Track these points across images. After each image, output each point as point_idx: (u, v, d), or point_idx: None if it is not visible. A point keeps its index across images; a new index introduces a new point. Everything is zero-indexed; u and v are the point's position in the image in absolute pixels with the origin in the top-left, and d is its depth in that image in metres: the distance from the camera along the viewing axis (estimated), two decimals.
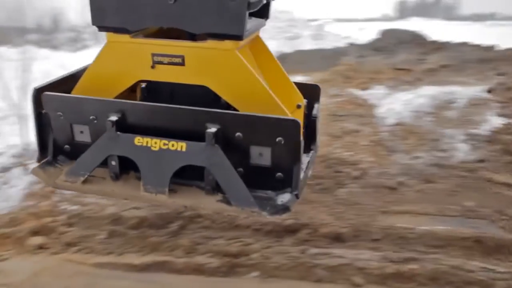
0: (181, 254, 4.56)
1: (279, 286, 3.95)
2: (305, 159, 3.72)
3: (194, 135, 3.17)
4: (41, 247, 4.75)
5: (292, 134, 3.06)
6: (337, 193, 5.28)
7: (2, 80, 7.24)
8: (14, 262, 4.60)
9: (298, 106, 3.79)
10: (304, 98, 3.84)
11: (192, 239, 4.75)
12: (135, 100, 3.73)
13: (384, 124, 6.70)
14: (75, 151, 3.56)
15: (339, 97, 7.37)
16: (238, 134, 3.14)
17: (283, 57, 10.13)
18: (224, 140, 3.16)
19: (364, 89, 7.82)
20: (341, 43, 12.56)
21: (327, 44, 12.67)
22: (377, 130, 6.49)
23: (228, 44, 3.23)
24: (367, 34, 13.13)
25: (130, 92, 3.70)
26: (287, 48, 11.79)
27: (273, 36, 12.99)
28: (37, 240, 4.81)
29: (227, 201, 3.20)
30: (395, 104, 7.13)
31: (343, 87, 7.77)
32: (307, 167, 3.68)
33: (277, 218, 4.83)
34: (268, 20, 3.85)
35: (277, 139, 3.08)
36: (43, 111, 3.57)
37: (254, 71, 3.31)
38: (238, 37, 3.21)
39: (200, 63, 3.35)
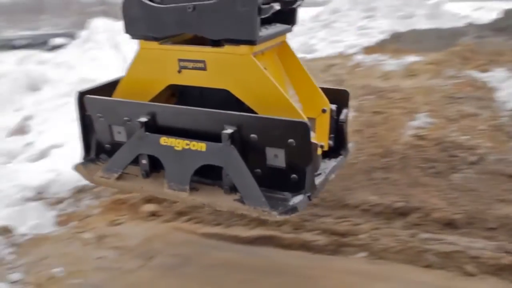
0: (288, 229, 4.62)
1: (387, 269, 3.90)
2: (330, 163, 3.89)
3: (214, 136, 3.34)
4: (153, 214, 5.00)
5: (301, 136, 3.16)
6: (451, 178, 5.10)
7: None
8: (128, 226, 4.87)
9: (323, 111, 3.84)
10: (333, 103, 3.89)
11: (299, 215, 4.78)
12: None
13: (505, 108, 6.35)
14: (114, 150, 3.83)
15: (456, 79, 7.07)
16: (253, 135, 3.30)
17: (397, 36, 9.87)
18: (241, 142, 3.32)
19: (483, 71, 7.44)
20: (459, 23, 11.99)
21: (444, 23, 12.14)
22: (496, 115, 6.17)
23: (243, 49, 3.38)
24: (487, 13, 12.48)
25: (170, 96, 3.97)
26: (401, 27, 11.44)
27: (386, 15, 12.67)
28: (150, 207, 5.06)
29: (242, 200, 3.34)
30: None
31: (460, 69, 7.43)
32: (330, 171, 3.75)
33: (387, 201, 4.78)
34: None
35: (288, 141, 3.19)
36: (87, 113, 3.89)
37: (270, 75, 3.41)
38: (252, 42, 3.34)
39: (219, 68, 3.53)
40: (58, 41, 16.10)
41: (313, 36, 9.40)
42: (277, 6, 3.43)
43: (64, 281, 3.96)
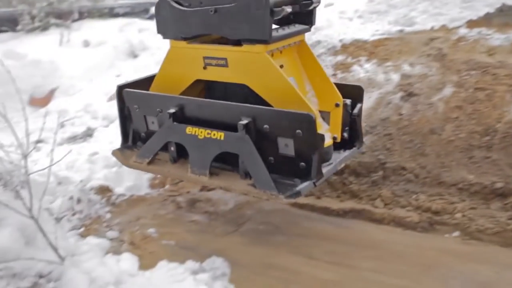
0: (380, 204, 4.55)
1: (481, 251, 3.76)
2: (343, 153, 4.22)
3: (232, 126, 3.72)
4: None
5: (307, 127, 3.50)
6: None
7: None
8: (219, 193, 4.95)
9: (337, 105, 4.16)
10: (348, 98, 4.22)
11: (393, 191, 4.70)
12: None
13: None
14: (148, 138, 4.30)
15: None
16: (265, 126, 3.66)
17: (506, 9, 9.32)
18: (255, 131, 3.69)
19: None
20: None
21: None
22: None
23: (259, 47, 3.77)
24: None
25: (201, 91, 4.45)
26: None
27: None
28: None
29: (254, 185, 3.72)
30: None
31: None
32: (340, 161, 4.11)
33: (486, 180, 4.58)
34: None
35: (296, 131, 3.54)
36: (125, 105, 4.43)
37: (283, 71, 3.79)
38: (266, 41, 3.72)
39: (239, 65, 3.94)
40: None
41: (413, 9, 9.04)
42: (288, 9, 3.81)
43: (157, 242, 4.10)
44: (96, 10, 16.20)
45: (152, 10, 17.17)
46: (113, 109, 8.34)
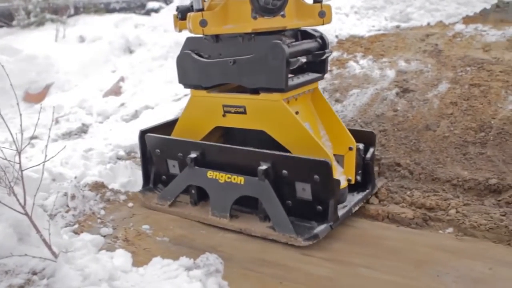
0: (375, 200, 4.55)
1: (475, 247, 3.76)
2: (357, 196, 4.36)
3: (251, 171, 3.95)
4: None
5: (324, 173, 3.70)
6: None
7: None
8: None
9: (350, 149, 4.34)
10: (361, 143, 4.41)
11: (387, 187, 4.70)
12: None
13: None
14: (169, 181, 4.57)
15: None
16: (284, 171, 3.88)
17: (501, 5, 9.32)
18: (274, 176, 3.91)
19: None
20: None
21: None
22: None
23: (276, 96, 4.00)
24: None
25: (220, 137, 4.70)
26: None
27: None
28: None
29: (273, 227, 3.93)
30: None
31: None
32: (355, 204, 4.25)
33: (480, 177, 4.60)
34: None
35: (314, 177, 3.74)
36: (147, 149, 4.66)
37: (299, 118, 4.01)
38: (282, 90, 3.95)
39: (257, 112, 4.16)
40: (154, 4, 16.44)
41: (410, 4, 9.05)
42: (303, 59, 4.05)
43: (151, 238, 4.10)
44: (92, 5, 16.19)
45: (149, 5, 17.19)
46: (108, 105, 8.36)
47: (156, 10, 15.60)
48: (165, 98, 7.87)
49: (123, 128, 7.00)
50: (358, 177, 4.44)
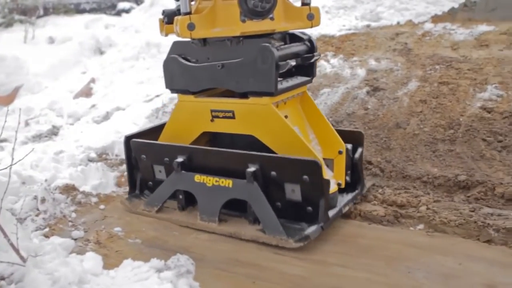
0: None
1: (446, 242, 3.81)
2: (346, 197, 4.34)
3: (239, 173, 3.91)
4: None
5: (314, 173, 3.68)
6: None
7: None
8: None
9: (340, 152, 4.32)
10: (349, 143, 4.39)
11: None
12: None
13: None
14: (156, 186, 4.50)
15: None
16: (273, 173, 3.85)
17: (469, 4, 9.46)
18: (263, 178, 3.88)
19: None
20: None
21: None
22: None
23: (265, 100, 3.97)
24: None
25: (207, 142, 4.62)
26: None
27: None
28: None
29: (263, 230, 3.89)
30: None
31: None
32: (345, 204, 4.23)
33: (450, 173, 4.66)
34: None
35: (303, 177, 3.72)
36: (133, 155, 4.59)
37: (288, 122, 3.97)
38: (272, 94, 3.91)
39: (246, 116, 4.13)
40: (124, 5, 16.33)
41: (380, 4, 9.15)
42: (292, 63, 4.00)
43: (123, 240, 4.06)
44: (62, 6, 16.02)
45: (119, 5, 17.07)
46: (79, 106, 8.28)
47: (127, 11, 15.49)
48: (137, 99, 7.82)
49: (94, 130, 6.94)
50: (347, 178, 4.42)
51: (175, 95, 4.59)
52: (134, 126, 6.49)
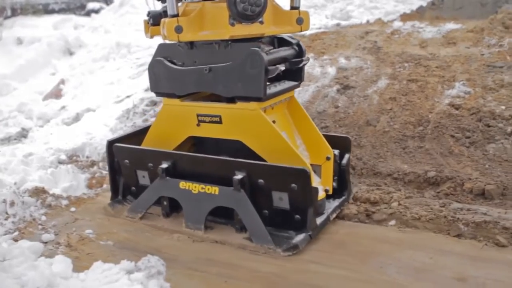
0: None
1: (417, 237, 3.85)
2: (333, 203, 4.29)
3: (226, 180, 3.83)
4: None
5: (302, 181, 3.63)
6: (486, 148, 5.00)
7: None
8: None
9: (328, 158, 4.25)
10: (337, 149, 4.33)
11: None
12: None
13: None
14: (139, 192, 4.39)
15: (497, 47, 6.85)
16: (260, 180, 3.78)
17: (437, 2, 9.61)
18: (250, 186, 3.81)
19: None
20: None
21: None
22: None
23: (253, 105, 3.88)
24: None
25: (191, 147, 4.51)
26: None
27: None
28: None
29: (250, 239, 3.83)
30: None
31: (502, 37, 7.19)
32: (332, 211, 4.18)
33: (420, 170, 4.72)
34: None
35: (291, 185, 3.67)
36: (115, 160, 4.47)
37: (277, 127, 3.90)
38: (260, 99, 3.84)
39: (233, 121, 4.04)
40: (94, 5, 16.17)
41: (350, 2, 9.23)
42: (282, 67, 3.97)
43: (94, 243, 4.01)
44: (30, 7, 15.77)
45: (89, 6, 16.90)
46: (48, 108, 8.17)
47: (97, 11, 15.34)
48: (107, 100, 7.75)
49: (64, 132, 6.86)
50: (334, 184, 4.36)
51: (146, 95, 4.54)
52: (105, 127, 6.44)
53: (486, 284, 3.18)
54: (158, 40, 4.33)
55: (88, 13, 15.48)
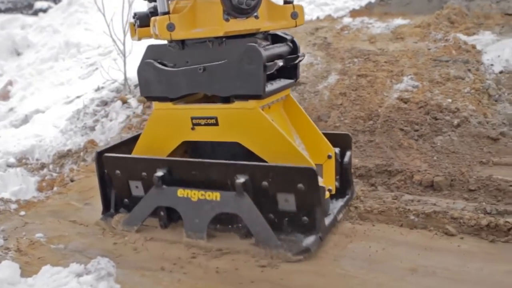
0: None
1: (370, 229, 3.91)
2: (337, 203, 4.16)
3: (227, 185, 3.65)
4: None
5: (309, 181, 3.46)
6: (434, 140, 5.12)
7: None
8: None
9: (329, 157, 4.09)
10: (337, 147, 4.15)
11: None
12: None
13: (490, 71, 6.34)
14: (133, 204, 4.11)
15: (443, 42, 7.03)
16: (264, 183, 3.58)
17: None
18: (253, 189, 3.61)
19: (470, 34, 7.40)
20: None
21: None
22: (482, 78, 6.15)
23: (251, 103, 3.69)
24: None
25: (183, 153, 4.27)
26: None
27: None
28: None
29: (257, 244, 3.64)
30: (503, 51, 6.70)
31: (447, 32, 7.39)
32: (338, 211, 4.04)
33: (370, 163, 4.79)
34: None
35: (298, 186, 3.48)
36: (105, 171, 4.19)
37: (277, 126, 3.71)
38: (259, 97, 3.65)
39: (230, 122, 3.82)
40: (42, 4, 15.84)
41: (300, 0, 9.29)
42: (280, 63, 3.75)
43: (45, 247, 3.94)
44: None
45: (36, 5, 16.55)
46: None
47: (45, 10, 15.02)
48: (57, 101, 7.62)
49: (13, 134, 6.71)
50: (337, 183, 4.19)
51: (97, 95, 4.42)
52: (55, 128, 6.33)
53: (436, 273, 3.25)
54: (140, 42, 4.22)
55: (35, 13, 15.15)
